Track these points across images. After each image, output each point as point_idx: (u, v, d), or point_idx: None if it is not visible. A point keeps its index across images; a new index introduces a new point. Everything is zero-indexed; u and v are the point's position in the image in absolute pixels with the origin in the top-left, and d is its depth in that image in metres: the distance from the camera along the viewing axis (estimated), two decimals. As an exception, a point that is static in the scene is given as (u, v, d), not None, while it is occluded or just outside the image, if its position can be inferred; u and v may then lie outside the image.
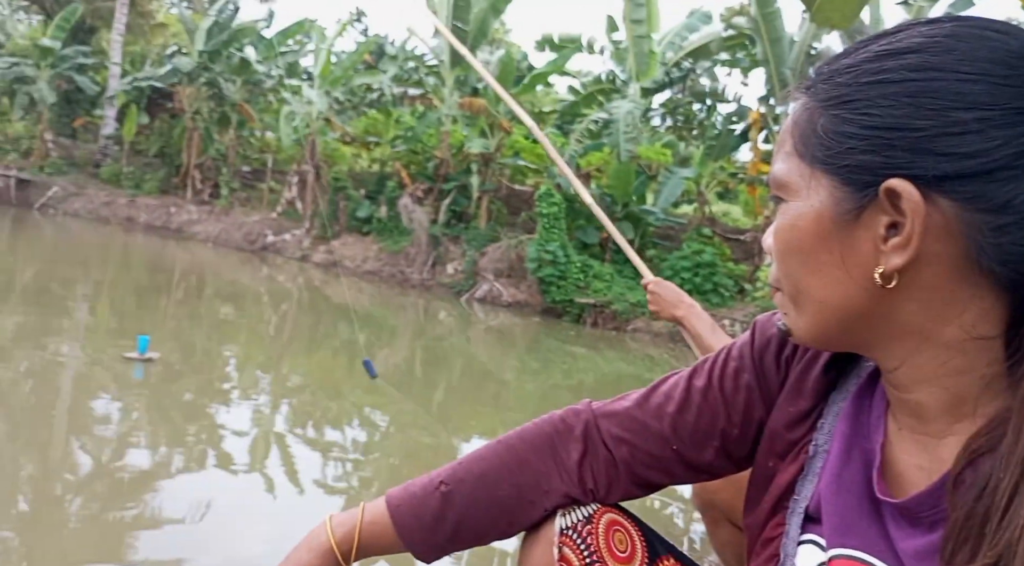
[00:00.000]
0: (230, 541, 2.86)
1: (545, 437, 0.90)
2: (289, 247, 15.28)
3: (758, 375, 0.83)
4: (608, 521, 0.88)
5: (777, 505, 0.78)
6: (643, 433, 0.87)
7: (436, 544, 0.89)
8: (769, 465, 0.81)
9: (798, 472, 0.77)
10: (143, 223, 17.28)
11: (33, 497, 3.05)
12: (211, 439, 4.11)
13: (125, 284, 10.13)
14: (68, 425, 4.01)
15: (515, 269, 12.54)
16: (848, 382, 0.77)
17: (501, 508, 0.88)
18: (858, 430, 0.73)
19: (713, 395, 0.85)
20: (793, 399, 0.80)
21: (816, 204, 0.64)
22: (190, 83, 17.13)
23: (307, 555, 0.87)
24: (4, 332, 6.27)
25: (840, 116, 0.62)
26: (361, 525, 0.88)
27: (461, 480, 0.88)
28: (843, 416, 0.75)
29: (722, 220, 14.92)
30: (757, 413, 0.84)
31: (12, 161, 19.06)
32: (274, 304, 10.36)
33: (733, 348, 0.87)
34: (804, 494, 0.75)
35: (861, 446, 0.72)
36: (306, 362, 7.03)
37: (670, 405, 0.87)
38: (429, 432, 4.85)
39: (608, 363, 9.00)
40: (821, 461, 0.75)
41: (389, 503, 0.89)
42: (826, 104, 0.64)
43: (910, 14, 10.23)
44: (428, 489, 0.88)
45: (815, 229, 0.64)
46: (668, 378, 0.90)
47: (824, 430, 0.76)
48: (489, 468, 0.89)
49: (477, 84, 14.40)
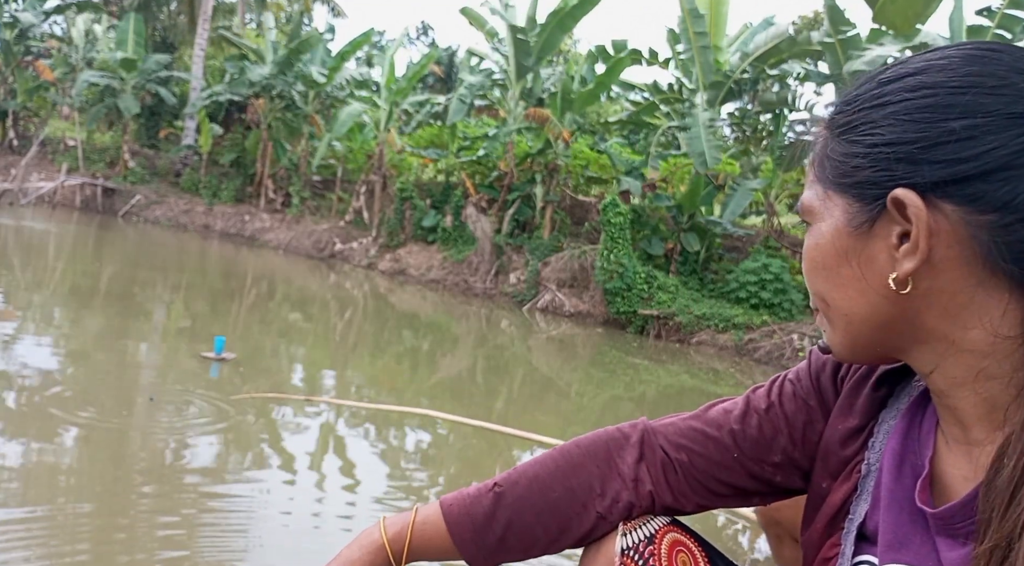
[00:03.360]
0: (285, 540, 2.93)
1: (601, 444, 0.90)
2: (356, 255, 15.60)
3: (818, 397, 0.85)
4: (671, 541, 0.86)
5: (831, 525, 0.79)
6: (703, 440, 0.88)
7: (486, 546, 0.88)
8: (823, 486, 0.82)
9: (851, 491, 0.78)
10: (219, 230, 17.90)
11: (109, 486, 3.19)
12: (273, 439, 4.22)
13: (200, 288, 10.51)
14: (144, 419, 4.18)
15: (578, 279, 12.50)
16: (899, 400, 0.79)
17: (552, 510, 0.87)
18: (908, 446, 0.74)
19: (774, 412, 0.86)
20: (844, 416, 0.81)
21: (834, 222, 0.69)
22: (264, 94, 17.70)
23: (358, 552, 0.88)
24: (89, 330, 6.59)
25: (848, 140, 0.68)
26: (413, 525, 0.88)
27: (515, 482, 0.89)
28: (894, 433, 0.76)
29: (791, 232, 14.58)
30: (817, 433, 0.85)
31: (99, 170, 20.04)
32: (340, 310, 10.58)
33: (791, 372, 0.89)
34: (858, 513, 0.76)
35: (912, 462, 0.73)
36: (369, 366, 7.15)
37: (730, 418, 0.87)
38: (488, 441, 4.87)
39: (671, 376, 8.88)
40: (873, 480, 0.76)
41: (443, 504, 0.90)
42: (837, 131, 0.69)
43: (992, 21, 9.83)
44: (482, 490, 0.89)
45: (835, 245, 0.69)
46: (723, 400, 0.92)
47: (875, 448, 0.78)
48: (543, 470, 0.89)
49: (542, 95, 14.47)
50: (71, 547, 2.60)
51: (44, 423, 3.81)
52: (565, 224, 14.02)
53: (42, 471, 3.27)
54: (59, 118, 23.79)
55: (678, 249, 12.67)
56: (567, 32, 13.99)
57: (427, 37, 38.28)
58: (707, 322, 11.01)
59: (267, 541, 2.90)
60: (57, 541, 2.62)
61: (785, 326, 10.80)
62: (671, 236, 12.78)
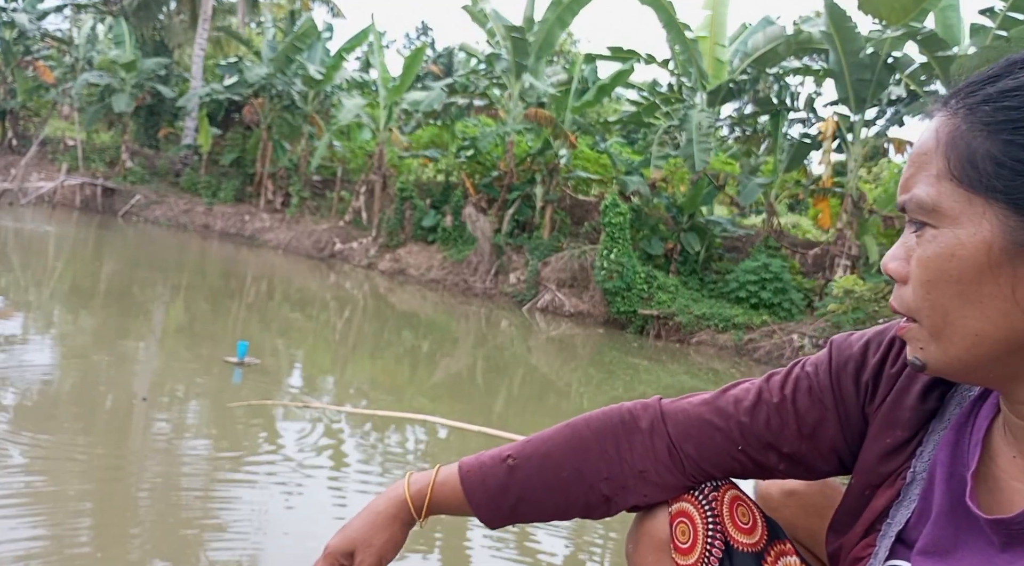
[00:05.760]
0: (294, 539, 2.93)
1: (611, 426, 0.93)
2: (356, 255, 15.59)
3: (835, 396, 0.84)
4: (732, 495, 0.91)
5: (870, 528, 0.79)
6: (709, 432, 0.89)
7: (499, 512, 0.94)
8: (864, 494, 0.81)
9: (894, 497, 0.77)
10: (219, 230, 17.89)
11: (131, 489, 3.18)
12: (277, 440, 4.21)
13: (200, 288, 10.50)
14: (140, 419, 4.17)
15: (578, 279, 12.49)
16: (948, 410, 0.77)
17: (561, 489, 0.93)
18: (958, 459, 0.73)
19: (785, 407, 0.86)
20: (889, 430, 0.80)
21: (985, 233, 0.61)
22: (263, 93, 17.67)
23: (384, 504, 0.96)
24: (83, 332, 6.58)
25: (1017, 142, 0.60)
26: (434, 484, 0.95)
27: (528, 457, 0.94)
28: (943, 445, 0.74)
29: (791, 232, 14.58)
30: (829, 432, 0.84)
31: (99, 170, 20.04)
32: (340, 310, 10.57)
33: (807, 364, 0.87)
34: (898, 519, 0.76)
35: (960, 473, 0.72)
36: (369, 366, 7.14)
37: (739, 410, 0.88)
38: (489, 443, 4.86)
39: (671, 376, 8.88)
40: (919, 488, 0.75)
41: (461, 468, 0.96)
42: (994, 128, 0.61)
43: (995, 22, 9.83)
44: (496, 460, 0.95)
45: (982, 259, 0.61)
46: (739, 384, 0.92)
47: (923, 457, 0.76)
48: (554, 448, 0.93)
49: (543, 98, 14.46)
50: (70, 548, 2.60)
51: (41, 423, 3.81)
52: (565, 224, 14.02)
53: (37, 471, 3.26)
54: (59, 118, 23.78)
55: (678, 249, 12.66)
56: (565, 27, 13.95)
57: (427, 37, 38.29)
58: (707, 322, 11.00)
59: (267, 545, 2.89)
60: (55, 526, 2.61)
61: (785, 326, 10.80)
62: (671, 236, 12.77)
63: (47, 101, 22.13)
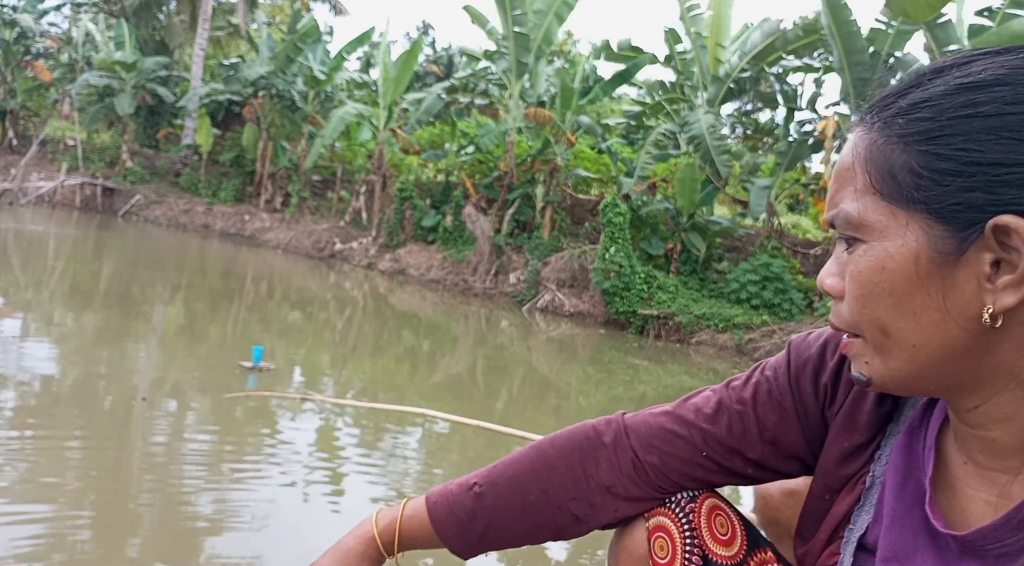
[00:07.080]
0: (295, 542, 2.93)
1: (575, 444, 0.92)
2: (356, 255, 15.58)
3: (794, 399, 0.83)
4: (711, 505, 0.90)
5: (833, 535, 0.78)
6: (672, 440, 0.88)
7: (470, 541, 0.93)
8: (825, 498, 0.81)
9: (855, 502, 0.77)
10: (219, 230, 17.89)
11: (142, 489, 3.18)
12: (270, 438, 4.21)
13: (200, 287, 10.50)
14: (139, 419, 4.17)
15: (578, 279, 12.49)
16: (904, 413, 0.77)
17: (529, 513, 0.91)
18: (911, 462, 0.73)
19: (746, 412, 0.85)
20: (847, 434, 0.79)
21: (911, 244, 0.61)
22: (262, 92, 17.66)
23: (352, 542, 0.94)
24: (83, 331, 6.58)
25: (932, 152, 0.60)
26: (401, 518, 0.94)
27: (494, 483, 0.92)
28: (896, 448, 0.74)
29: (791, 232, 14.57)
30: (791, 435, 0.84)
31: (99, 170, 20.03)
32: (340, 310, 10.57)
33: (767, 368, 0.87)
34: (860, 524, 0.75)
35: (915, 479, 0.72)
36: (369, 366, 7.14)
37: (701, 416, 0.87)
38: (488, 440, 4.86)
39: (671, 376, 8.87)
40: (877, 492, 0.75)
41: (428, 500, 0.95)
42: (909, 140, 0.61)
43: (994, 21, 9.82)
44: (463, 488, 0.93)
45: (911, 270, 0.61)
46: (701, 392, 0.91)
47: (882, 461, 0.76)
48: (520, 472, 0.92)
49: (544, 98, 14.45)
50: (72, 542, 2.60)
51: (43, 421, 3.81)
52: (565, 224, 14.01)
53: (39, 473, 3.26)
54: (59, 118, 23.79)
55: (678, 249, 12.66)
56: (563, 20, 13.91)
57: (427, 37, 38.28)
58: (707, 322, 11.00)
59: (268, 543, 2.89)
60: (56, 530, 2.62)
61: (785, 326, 10.80)
62: (671, 236, 12.77)
63: (47, 101, 22.12)
